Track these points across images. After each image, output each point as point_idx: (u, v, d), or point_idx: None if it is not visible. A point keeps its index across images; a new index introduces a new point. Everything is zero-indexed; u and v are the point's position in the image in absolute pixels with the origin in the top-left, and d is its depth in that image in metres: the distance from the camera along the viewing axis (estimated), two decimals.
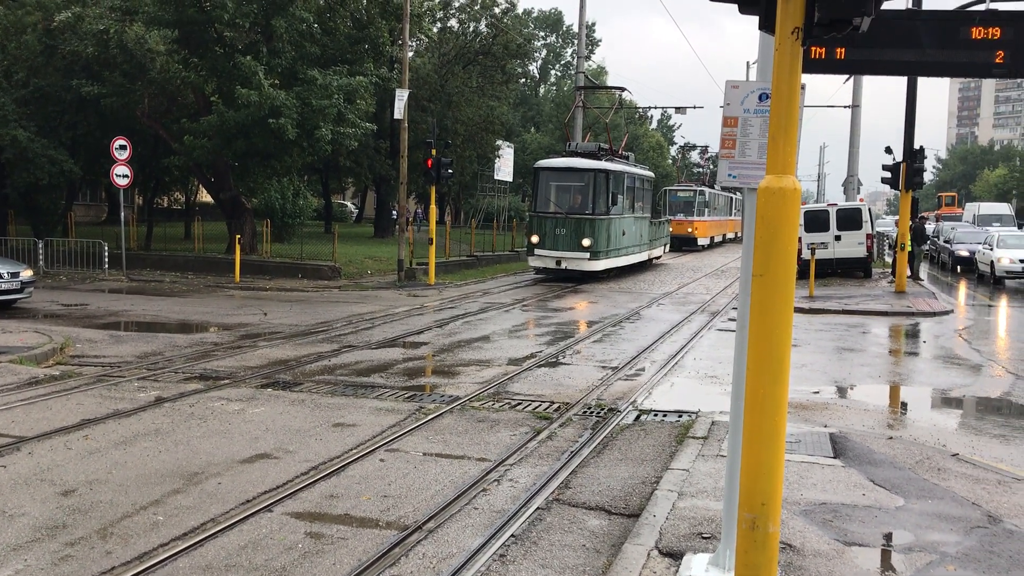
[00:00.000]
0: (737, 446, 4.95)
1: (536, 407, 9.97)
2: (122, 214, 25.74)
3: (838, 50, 4.96)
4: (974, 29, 4.89)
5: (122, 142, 24.44)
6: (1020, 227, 39.53)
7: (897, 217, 28.84)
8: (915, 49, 4.96)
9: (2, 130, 25.21)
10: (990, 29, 4.83)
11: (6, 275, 16.88)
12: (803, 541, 5.78)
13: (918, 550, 5.77)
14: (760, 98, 4.93)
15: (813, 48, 4.89)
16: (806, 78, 4.83)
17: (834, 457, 7.86)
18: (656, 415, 9.80)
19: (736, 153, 5.04)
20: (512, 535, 6.06)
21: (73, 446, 7.97)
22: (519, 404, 10.10)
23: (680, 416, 9.70)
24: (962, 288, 27.27)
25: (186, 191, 39.94)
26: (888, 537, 6.03)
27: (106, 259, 24.75)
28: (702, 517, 6.19)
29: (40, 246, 25.01)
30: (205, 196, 38.38)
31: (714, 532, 5.87)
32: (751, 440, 3.94)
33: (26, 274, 17.47)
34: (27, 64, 27.59)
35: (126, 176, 24.46)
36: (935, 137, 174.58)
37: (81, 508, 6.41)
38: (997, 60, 4.73)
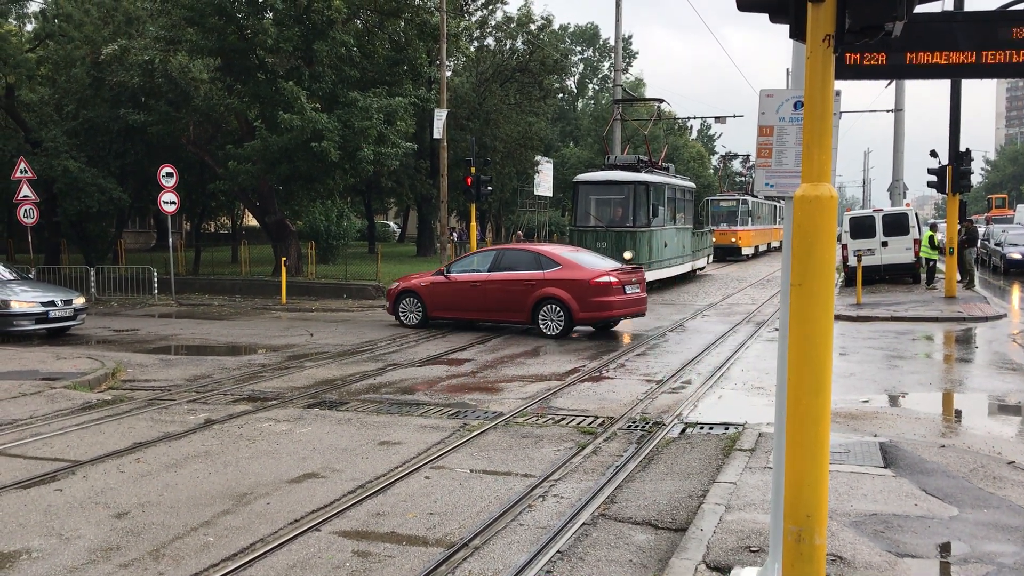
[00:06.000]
0: (782, 458, 4.90)
1: (580, 422, 9.95)
2: (170, 240, 26.25)
3: (874, 56, 4.92)
4: (1015, 29, 4.83)
5: (168, 169, 24.95)
6: None
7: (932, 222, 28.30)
8: (954, 52, 4.90)
9: (54, 161, 25.94)
10: None
11: (59, 303, 17.30)
12: (854, 553, 5.68)
13: (974, 561, 5.64)
14: (795, 106, 4.90)
15: (848, 55, 4.86)
16: (842, 84, 4.80)
17: (885, 467, 7.72)
18: (702, 428, 9.72)
19: (773, 162, 5.01)
20: (558, 551, 6.05)
21: (126, 469, 8.13)
22: (563, 419, 10.09)
23: (727, 428, 9.61)
24: (1015, 292, 26.66)
25: (232, 216, 40.69)
26: (942, 548, 5.90)
27: (156, 284, 25.26)
28: (750, 530, 6.12)
29: (92, 273, 25.59)
30: (251, 220, 39.03)
31: (762, 545, 5.80)
32: (794, 452, 3.89)
33: (79, 301, 17.89)
34: (76, 96, 28.42)
35: (173, 203, 24.95)
36: (984, 138, 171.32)
37: (134, 530, 6.53)
38: None
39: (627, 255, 25.34)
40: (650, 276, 26.44)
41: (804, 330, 3.85)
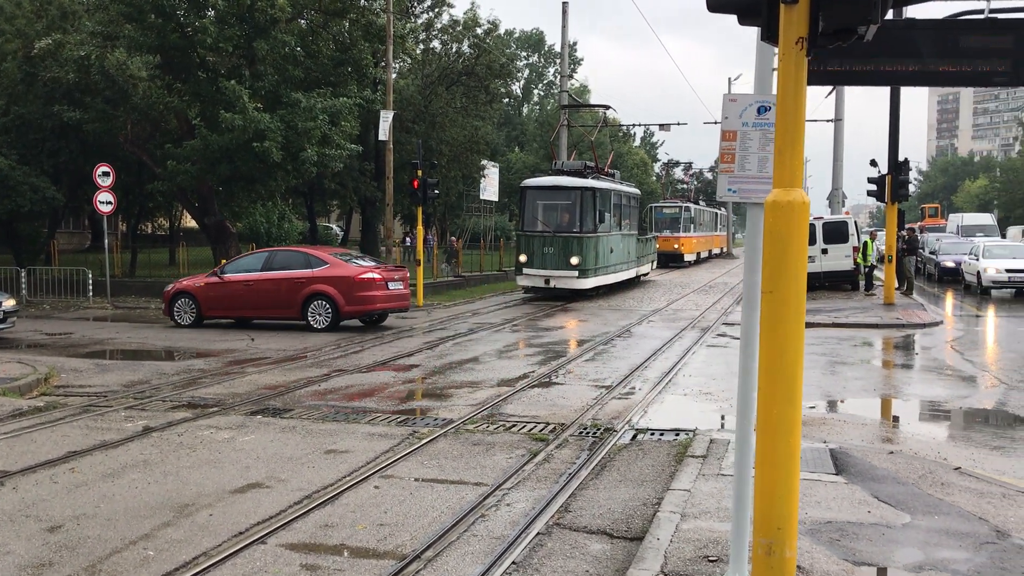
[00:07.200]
0: (744, 468, 4.83)
1: (531, 428, 9.83)
2: (106, 241, 25.53)
3: (833, 62, 4.89)
4: (974, 37, 4.84)
5: (105, 168, 24.26)
6: (1003, 237, 39.83)
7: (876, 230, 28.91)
8: (914, 59, 4.89)
9: None
10: (991, 37, 4.77)
11: None
12: (811, 562, 5.65)
13: (928, 568, 5.65)
14: (759, 111, 4.84)
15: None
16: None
17: (836, 474, 7.74)
18: (653, 434, 9.66)
19: (736, 167, 4.94)
20: (513, 562, 5.90)
21: (59, 479, 7.77)
22: (514, 426, 9.95)
23: (677, 434, 9.57)
24: (949, 299, 27.32)
25: (170, 217, 39.74)
26: (897, 556, 5.90)
27: (90, 287, 24.51)
28: (707, 539, 6.05)
29: (23, 275, 24.74)
30: (190, 221, 38.19)
31: (720, 555, 5.74)
32: (765, 463, 3.81)
33: (8, 304, 17.21)
34: (7, 92, 27.48)
35: (110, 203, 24.27)
36: (915, 149, 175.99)
37: (68, 544, 6.21)
38: (999, 68, 4.68)
39: (574, 260, 25.38)
40: (596, 281, 26.53)
41: (776, 338, 3.77)
